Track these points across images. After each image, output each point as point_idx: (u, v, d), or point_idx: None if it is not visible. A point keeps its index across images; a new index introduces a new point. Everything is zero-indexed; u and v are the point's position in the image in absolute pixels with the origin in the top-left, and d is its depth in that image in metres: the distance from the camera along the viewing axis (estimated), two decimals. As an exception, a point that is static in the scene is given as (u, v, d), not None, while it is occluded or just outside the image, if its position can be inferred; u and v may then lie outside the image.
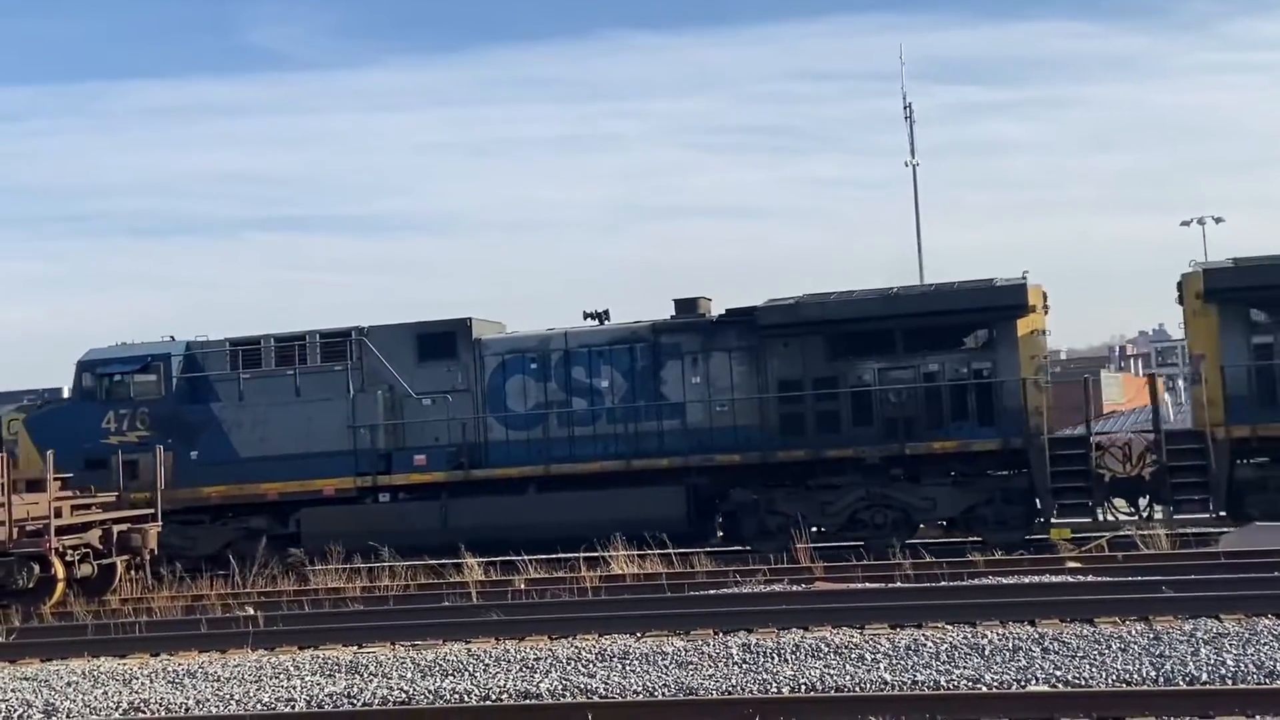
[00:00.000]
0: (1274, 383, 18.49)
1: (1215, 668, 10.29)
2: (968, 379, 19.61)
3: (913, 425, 19.49)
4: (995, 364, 19.59)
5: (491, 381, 21.35)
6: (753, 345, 20.41)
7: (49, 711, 11.50)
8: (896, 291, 20.30)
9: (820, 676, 10.78)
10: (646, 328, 21.05)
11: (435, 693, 11.08)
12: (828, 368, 20.11)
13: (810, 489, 19.90)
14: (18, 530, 17.36)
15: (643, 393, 20.71)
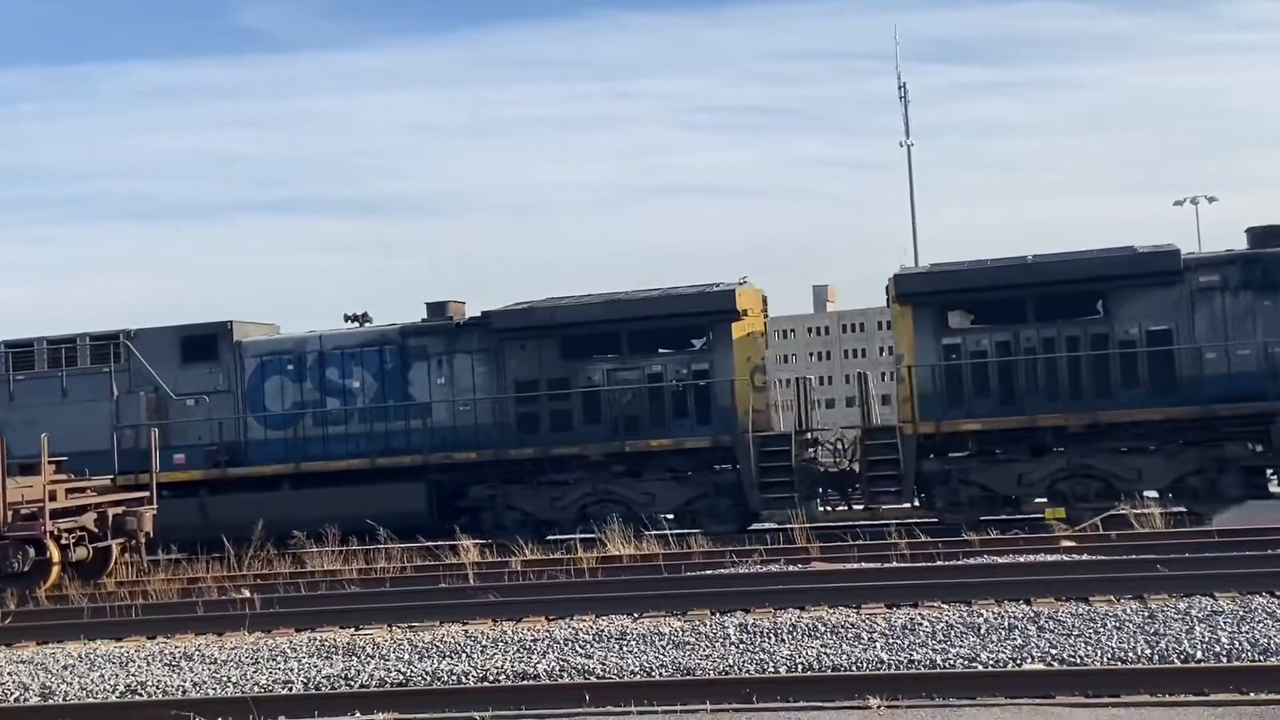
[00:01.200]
0: (961, 382, 19.41)
1: (1210, 646, 10.33)
2: (688, 379, 20.66)
3: (637, 424, 20.56)
4: (712, 365, 20.64)
5: (251, 382, 22.54)
6: (492, 348, 21.56)
7: (45, 694, 11.51)
8: (620, 296, 21.30)
9: (817, 656, 10.81)
10: (395, 331, 22.18)
11: (433, 674, 11.10)
12: (561, 369, 21.26)
13: (542, 485, 20.98)
14: (12, 514, 17.33)
15: (391, 393, 21.87)
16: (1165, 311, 19.03)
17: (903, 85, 44.92)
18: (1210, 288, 18.89)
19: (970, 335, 19.83)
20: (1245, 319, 18.75)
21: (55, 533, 17.36)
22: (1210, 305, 18.91)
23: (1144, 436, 19.04)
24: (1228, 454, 18.64)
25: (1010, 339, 19.56)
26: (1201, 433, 18.74)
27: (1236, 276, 18.91)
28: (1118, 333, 19.16)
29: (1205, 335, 18.87)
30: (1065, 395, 19.20)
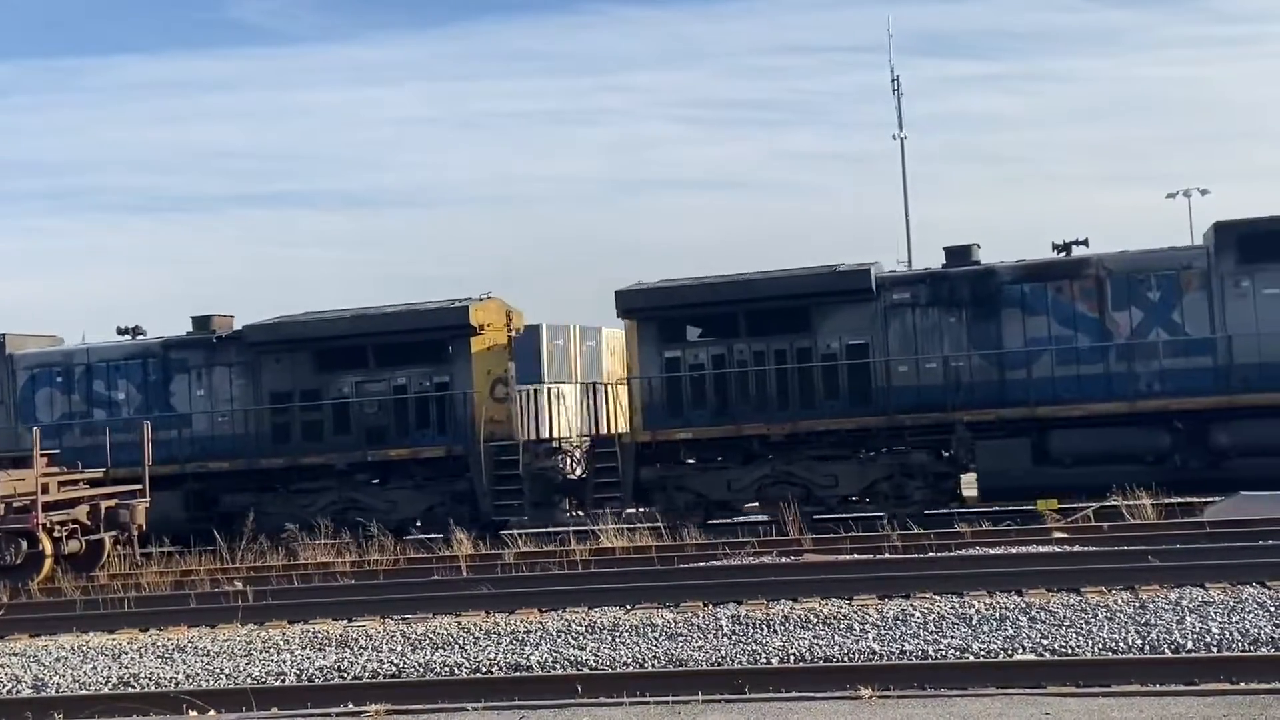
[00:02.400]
0: (680, 393, 20.28)
1: (1201, 636, 10.37)
2: (430, 391, 21.48)
3: (383, 434, 21.24)
4: (452, 378, 21.45)
5: (23, 394, 23.27)
6: (249, 361, 22.37)
7: (38, 687, 11.51)
8: (366, 312, 22.09)
9: (809, 647, 10.84)
10: (159, 344, 22.96)
11: (426, 666, 11.11)
12: (313, 381, 22.04)
13: (293, 493, 21.55)
14: (4, 506, 17.31)
15: (155, 404, 22.54)
16: (862, 326, 19.93)
17: (896, 78, 44.88)
18: (902, 304, 19.83)
19: (689, 349, 20.68)
20: (933, 334, 19.67)
21: (48, 525, 17.34)
22: (902, 321, 19.80)
23: (840, 444, 19.86)
24: (913, 461, 19.50)
25: (725, 352, 20.46)
26: (890, 440, 19.64)
27: (926, 294, 19.80)
28: (820, 346, 20.07)
29: (897, 349, 19.74)
30: (773, 406, 20.08)
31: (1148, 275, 18.90)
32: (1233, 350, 18.29)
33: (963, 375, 19.30)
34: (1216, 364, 18.37)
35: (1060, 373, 19.02)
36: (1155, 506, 17.74)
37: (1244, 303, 18.33)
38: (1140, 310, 18.91)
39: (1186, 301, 18.66)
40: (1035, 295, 19.25)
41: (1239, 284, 18.34)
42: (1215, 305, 18.51)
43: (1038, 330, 19.18)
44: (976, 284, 19.54)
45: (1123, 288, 18.92)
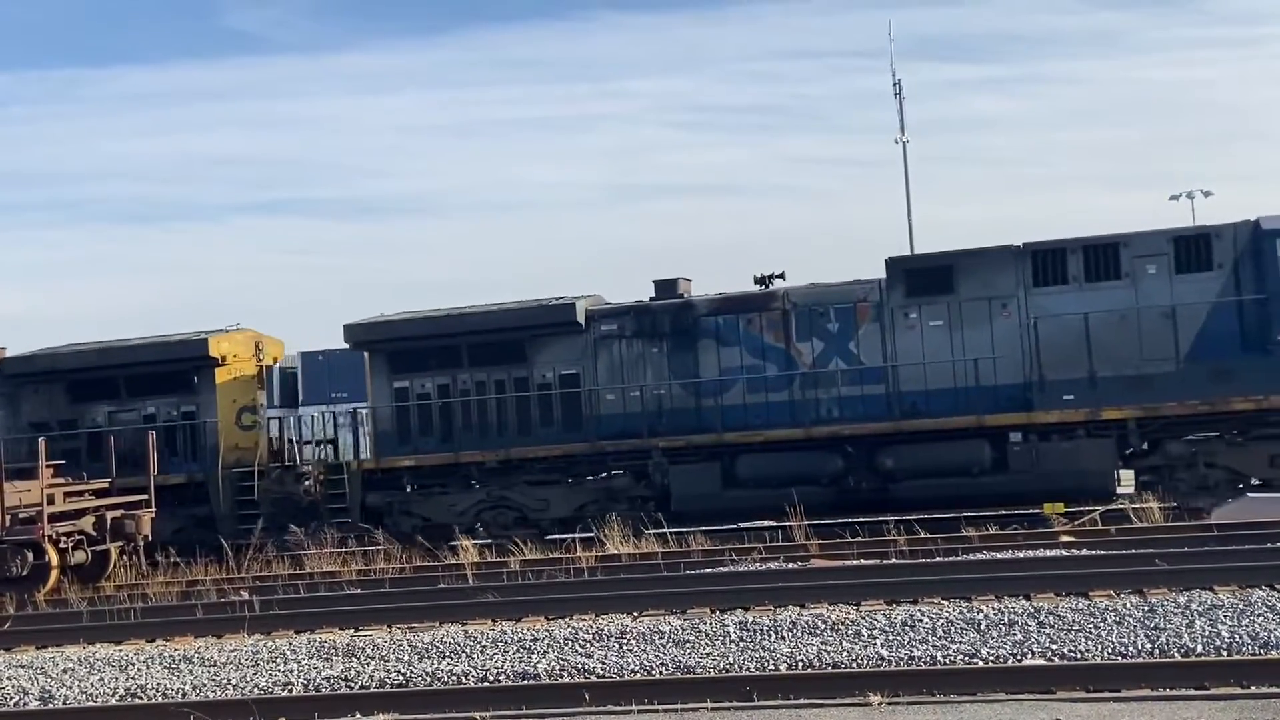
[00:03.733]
0: (408, 422, 21.28)
1: (1210, 639, 10.33)
2: (178, 420, 22.30)
3: (141, 462, 20.87)
4: (198, 407, 22.30)
5: None
6: (9, 392, 22.97)
7: (45, 699, 11.49)
8: (113, 345, 22.76)
9: (817, 653, 10.80)
10: None
11: (433, 674, 11.09)
12: (69, 411, 22.81)
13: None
14: (10, 518, 17.31)
15: None
16: (574, 357, 20.94)
17: (897, 82, 44.87)
18: (610, 336, 20.83)
19: (417, 379, 21.53)
20: (637, 364, 20.63)
21: (54, 536, 17.34)
22: (610, 352, 20.80)
23: (551, 470, 20.76)
24: (616, 485, 20.43)
25: (450, 382, 21.39)
26: (596, 466, 20.58)
27: (631, 326, 20.76)
28: (536, 377, 21.09)
29: (605, 379, 20.73)
30: (493, 433, 21.09)
31: (828, 308, 20.00)
32: (900, 378, 19.45)
33: (663, 403, 20.38)
34: (887, 391, 19.46)
35: (750, 400, 20.06)
36: (1163, 510, 17.70)
37: (912, 333, 19.49)
38: (821, 341, 20.02)
39: (862, 332, 19.77)
40: (729, 327, 20.31)
41: (908, 316, 19.49)
42: (887, 336, 19.62)
43: (731, 360, 20.24)
44: (676, 316, 20.60)
45: (805, 320, 20.04)
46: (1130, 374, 18.44)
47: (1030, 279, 19.04)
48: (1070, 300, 18.81)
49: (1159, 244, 18.67)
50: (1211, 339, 18.25)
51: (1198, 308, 18.36)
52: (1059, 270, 18.95)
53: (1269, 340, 17.94)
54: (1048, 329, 18.81)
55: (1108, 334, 18.61)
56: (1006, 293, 19.13)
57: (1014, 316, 19.01)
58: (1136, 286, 18.64)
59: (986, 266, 19.26)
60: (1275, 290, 17.94)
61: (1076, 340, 18.68)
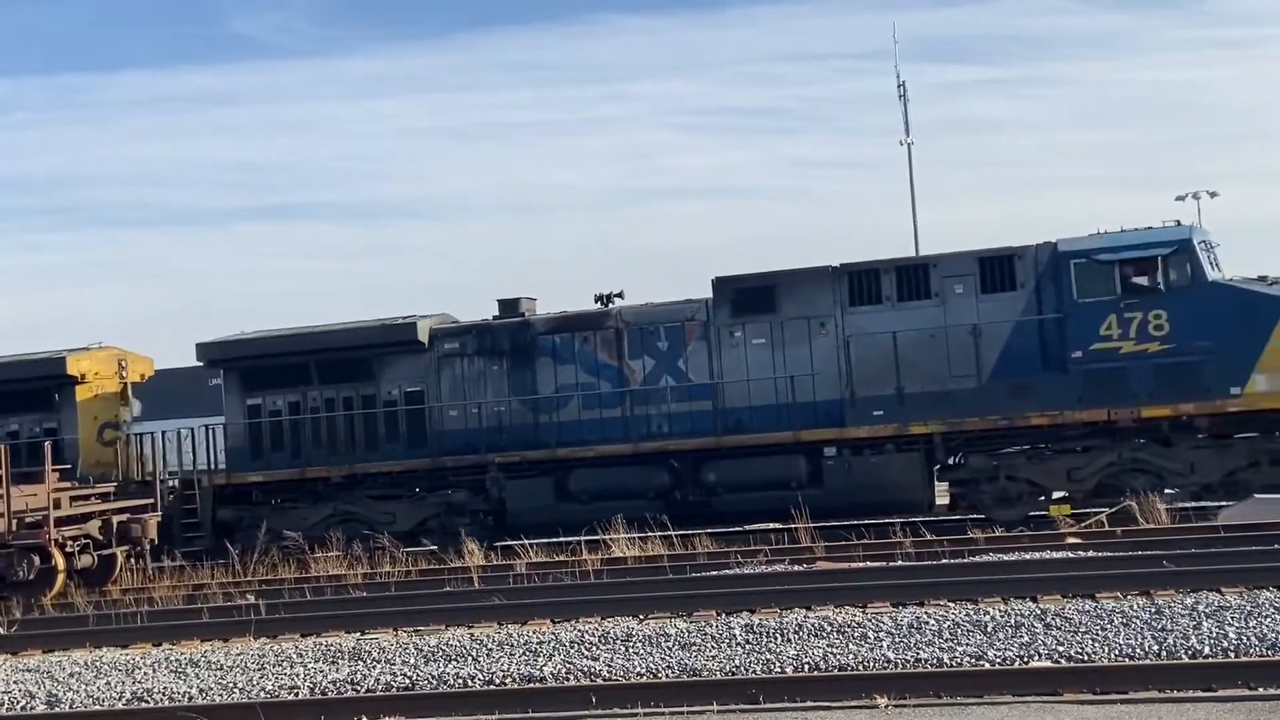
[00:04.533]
0: (261, 439, 21.57)
1: (1217, 641, 10.30)
2: (41, 437, 21.76)
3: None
4: (60, 424, 22.41)
5: None
6: None
7: (52, 703, 11.50)
8: None
9: (823, 656, 10.79)
10: None
11: (439, 678, 11.08)
12: None
13: None
14: (17, 522, 17.34)
15: None
16: (418, 375, 21.46)
17: (902, 84, 44.84)
18: (453, 354, 21.33)
19: (269, 396, 21.93)
20: (479, 381, 21.17)
21: (60, 540, 17.36)
22: (453, 369, 21.30)
23: (395, 485, 21.25)
24: (455, 500, 20.90)
25: (300, 399, 21.80)
26: (438, 481, 21.08)
27: (473, 344, 21.31)
28: (383, 393, 21.54)
29: (448, 396, 21.25)
30: (342, 449, 21.51)
31: (658, 326, 20.52)
32: (725, 395, 19.99)
33: (503, 420, 20.90)
34: (713, 407, 19.99)
35: (585, 416, 20.59)
36: (1169, 511, 17.66)
37: (737, 351, 20.02)
38: (652, 359, 20.52)
39: (690, 350, 20.28)
40: (565, 345, 20.88)
41: (733, 334, 20.04)
42: (713, 354, 20.15)
43: (567, 378, 20.79)
44: (516, 335, 21.16)
45: (637, 338, 20.57)
46: (936, 390, 18.95)
47: (847, 299, 19.60)
48: (883, 319, 19.37)
49: (966, 264, 19.18)
50: (1014, 356, 18.79)
51: (1001, 326, 18.90)
52: (873, 290, 19.51)
53: (1066, 358, 18.49)
54: (861, 347, 19.40)
55: (916, 352, 19.13)
56: (824, 312, 19.68)
57: (831, 335, 19.57)
58: (945, 305, 19.20)
59: (806, 287, 19.79)
60: (1070, 310, 18.47)
61: (887, 358, 19.21)
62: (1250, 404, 17.78)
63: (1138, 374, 18.15)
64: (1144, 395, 18.14)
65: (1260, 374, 17.66)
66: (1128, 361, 18.21)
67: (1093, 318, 18.31)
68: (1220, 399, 17.88)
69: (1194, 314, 18.02)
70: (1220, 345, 17.86)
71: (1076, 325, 18.38)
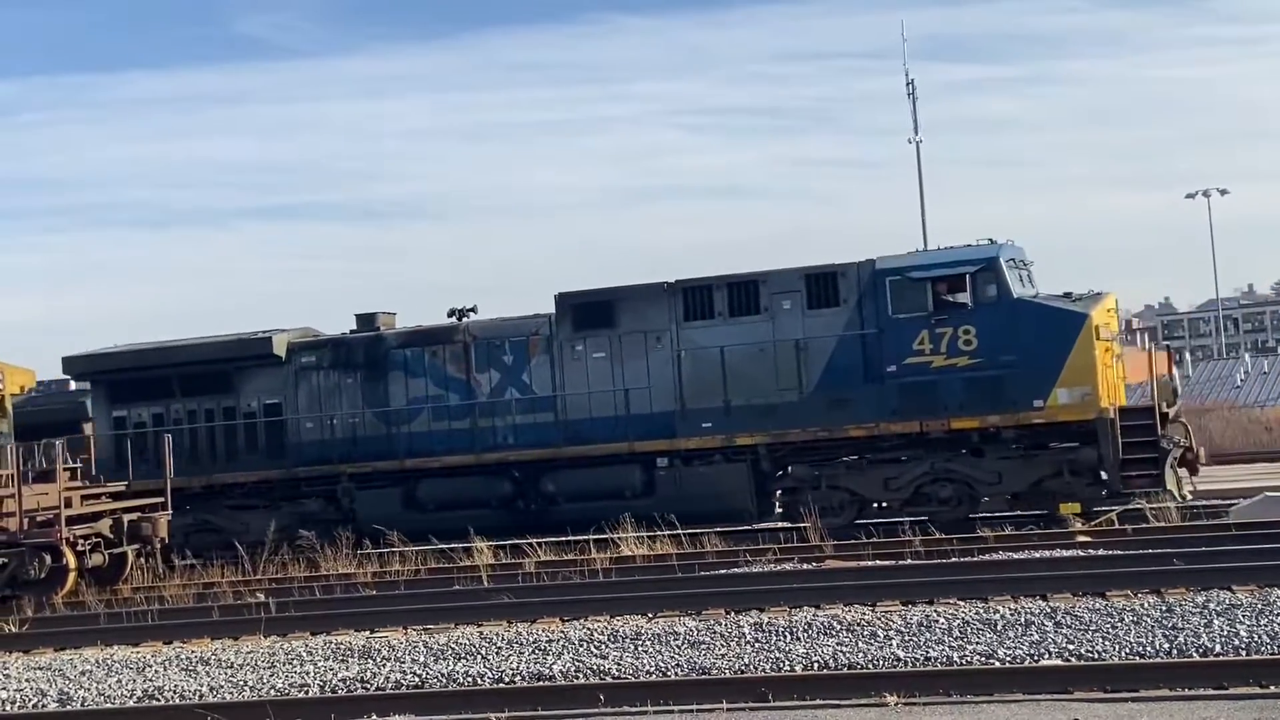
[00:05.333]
0: (126, 450, 21.29)
1: (1229, 639, 10.27)
2: None
3: None
4: None
5: None
6: None
7: (64, 700, 11.54)
8: None
9: (833, 654, 10.78)
10: None
11: (448, 676, 11.10)
12: None
13: None
14: (28, 521, 17.38)
15: None
16: (276, 388, 21.85)
17: (910, 82, 44.83)
18: (309, 367, 21.77)
19: (134, 408, 22.26)
20: (334, 394, 21.59)
21: (71, 539, 17.40)
22: (309, 382, 21.75)
23: (253, 495, 21.68)
24: (308, 510, 21.34)
25: (163, 412, 22.17)
26: (291, 491, 21.55)
27: (329, 358, 21.74)
28: (243, 406, 21.97)
29: (305, 408, 21.63)
30: (204, 460, 21.90)
31: (504, 341, 21.01)
32: (567, 407, 20.45)
33: (356, 431, 21.28)
34: (556, 419, 20.49)
35: (435, 428, 21.08)
36: (1180, 509, 17.62)
37: (578, 365, 20.50)
38: (498, 372, 20.98)
39: (534, 364, 20.77)
40: (416, 359, 21.31)
41: (574, 348, 20.54)
42: (556, 367, 20.60)
43: (418, 390, 21.22)
44: (369, 349, 21.60)
45: (484, 352, 21.04)
46: (761, 403, 19.49)
47: (681, 314, 20.08)
48: (715, 334, 19.86)
49: (793, 281, 19.68)
50: (836, 370, 19.35)
51: (826, 341, 19.39)
52: (706, 306, 20.00)
53: (882, 372, 19.04)
54: (693, 361, 19.93)
55: (745, 365, 19.64)
56: (660, 327, 20.16)
57: (666, 349, 20.07)
58: (774, 321, 19.67)
59: (643, 302, 20.31)
60: (885, 325, 19.02)
61: (717, 372, 19.76)
62: (1052, 416, 18.42)
63: (948, 387, 18.76)
64: (954, 407, 18.76)
65: (1061, 387, 18.35)
66: (939, 375, 18.81)
67: (907, 333, 18.93)
68: (1024, 411, 18.48)
69: (1000, 329, 18.65)
70: (1025, 359, 18.47)
71: (892, 340, 18.99)
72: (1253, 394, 52.90)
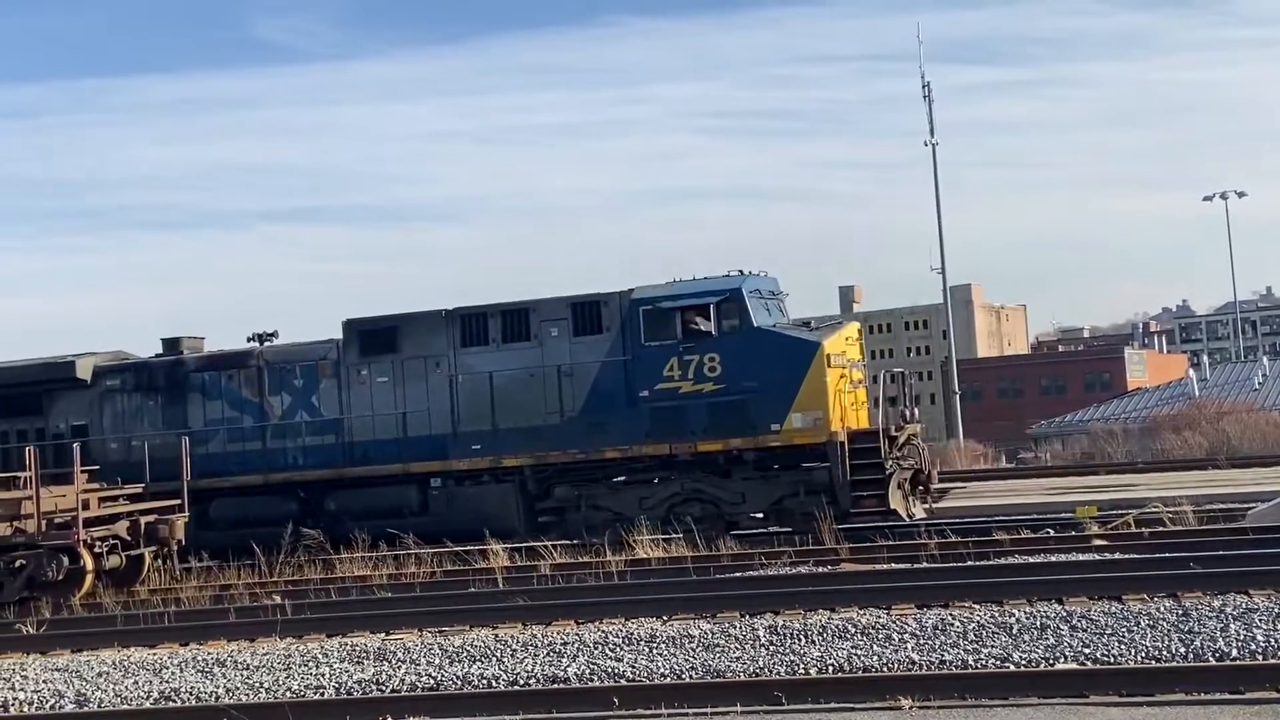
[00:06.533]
0: None
1: (1245, 643, 10.23)
2: None
3: None
4: None
5: None
6: None
7: (81, 702, 11.60)
8: None
9: (848, 657, 10.77)
10: None
11: (463, 678, 11.12)
12: None
13: None
14: (46, 523, 17.47)
15: None
16: (83, 410, 22.54)
17: (926, 85, 44.81)
18: (114, 390, 22.50)
19: None
20: (137, 416, 22.36)
21: (89, 541, 17.49)
22: (114, 405, 22.50)
23: None
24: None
25: None
26: None
27: (132, 381, 22.50)
28: (51, 428, 22.52)
29: (110, 429, 22.36)
30: None
31: (294, 365, 21.86)
32: (352, 429, 21.31)
33: (157, 452, 21.15)
34: (341, 441, 21.30)
35: (230, 449, 21.86)
36: (1197, 513, 17.55)
37: (363, 389, 21.35)
38: (289, 395, 21.81)
39: (322, 388, 21.60)
40: (214, 382, 22.21)
41: (360, 373, 21.38)
42: (343, 391, 21.45)
43: (215, 413, 22.09)
44: (170, 373, 22.40)
45: (277, 376, 21.88)
46: (526, 426, 20.40)
47: (459, 340, 20.96)
48: (489, 359, 20.79)
49: (561, 309, 20.61)
50: (598, 395, 20.25)
51: (589, 367, 20.32)
52: (481, 332, 20.90)
53: (636, 397, 19.97)
54: (467, 385, 20.80)
55: (513, 390, 20.58)
56: (439, 352, 21.01)
57: (444, 374, 20.94)
58: (543, 347, 20.58)
59: (423, 329, 21.16)
60: (639, 352, 19.99)
61: (488, 396, 20.69)
62: (788, 439, 19.42)
63: (695, 412, 19.74)
64: (700, 431, 19.74)
65: (796, 412, 19.34)
66: (686, 400, 19.78)
67: (658, 360, 19.89)
68: (763, 434, 19.48)
69: (742, 357, 19.58)
70: (764, 385, 19.42)
71: (645, 367, 19.93)
72: (1271, 396, 52.66)
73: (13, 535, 17.39)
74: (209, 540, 20.77)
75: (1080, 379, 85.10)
